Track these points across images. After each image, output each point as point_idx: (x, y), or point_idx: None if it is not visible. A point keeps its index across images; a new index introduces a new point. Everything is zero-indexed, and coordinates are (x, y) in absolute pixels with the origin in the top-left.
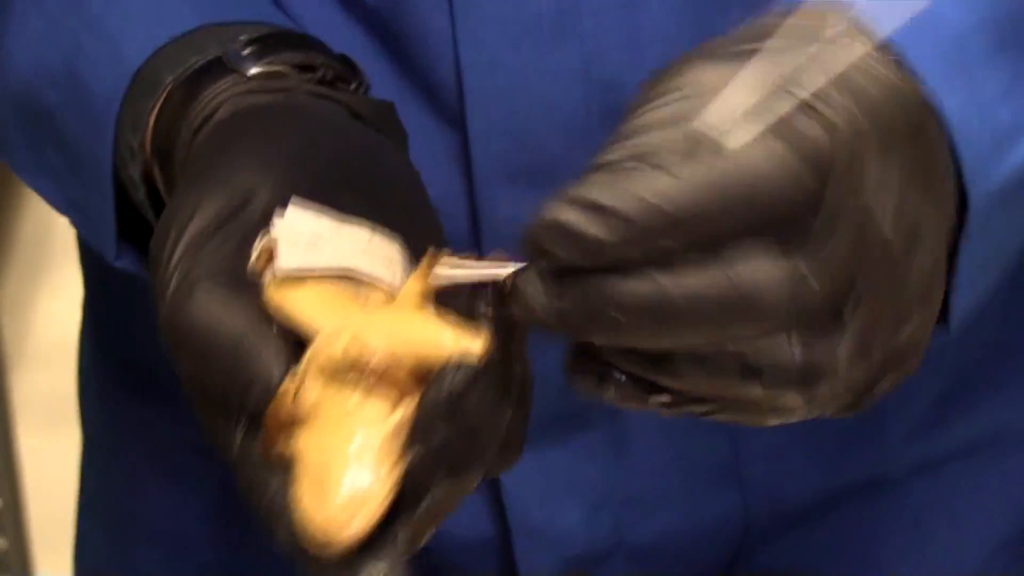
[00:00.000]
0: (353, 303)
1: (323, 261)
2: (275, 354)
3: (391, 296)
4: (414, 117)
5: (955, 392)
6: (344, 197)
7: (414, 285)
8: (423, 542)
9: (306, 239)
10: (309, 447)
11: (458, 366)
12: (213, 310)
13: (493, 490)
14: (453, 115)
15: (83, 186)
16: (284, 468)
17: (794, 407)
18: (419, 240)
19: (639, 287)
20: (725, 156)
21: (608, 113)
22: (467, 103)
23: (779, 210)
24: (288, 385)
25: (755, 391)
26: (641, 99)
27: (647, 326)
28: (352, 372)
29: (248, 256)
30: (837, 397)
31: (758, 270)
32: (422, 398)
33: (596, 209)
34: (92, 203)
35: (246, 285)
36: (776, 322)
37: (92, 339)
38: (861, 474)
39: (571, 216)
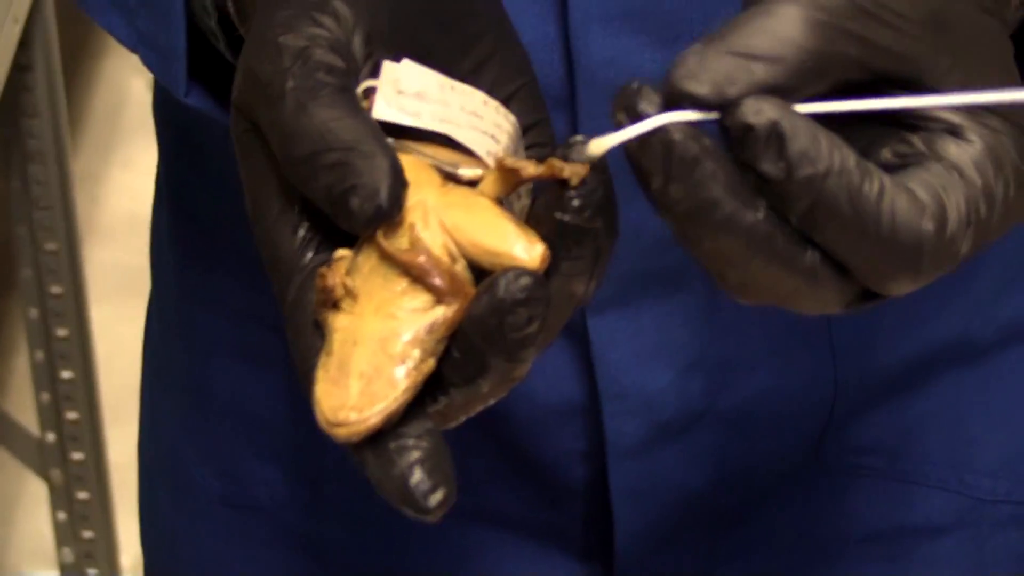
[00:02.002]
0: (433, 182)
1: (420, 119)
2: (389, 170)
3: (486, 168)
4: None
5: None
6: (430, 33)
7: (495, 178)
8: (458, 422)
9: (411, 92)
10: (343, 325)
11: (513, 279)
12: (336, 113)
13: (582, 352)
14: None
15: (153, 18)
16: (323, 338)
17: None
18: (509, 83)
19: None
20: None
21: None
22: None
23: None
24: (346, 253)
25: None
26: None
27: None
28: (408, 255)
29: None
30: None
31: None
32: (470, 308)
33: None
34: (162, 36)
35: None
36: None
37: (167, 208)
38: (949, 335)
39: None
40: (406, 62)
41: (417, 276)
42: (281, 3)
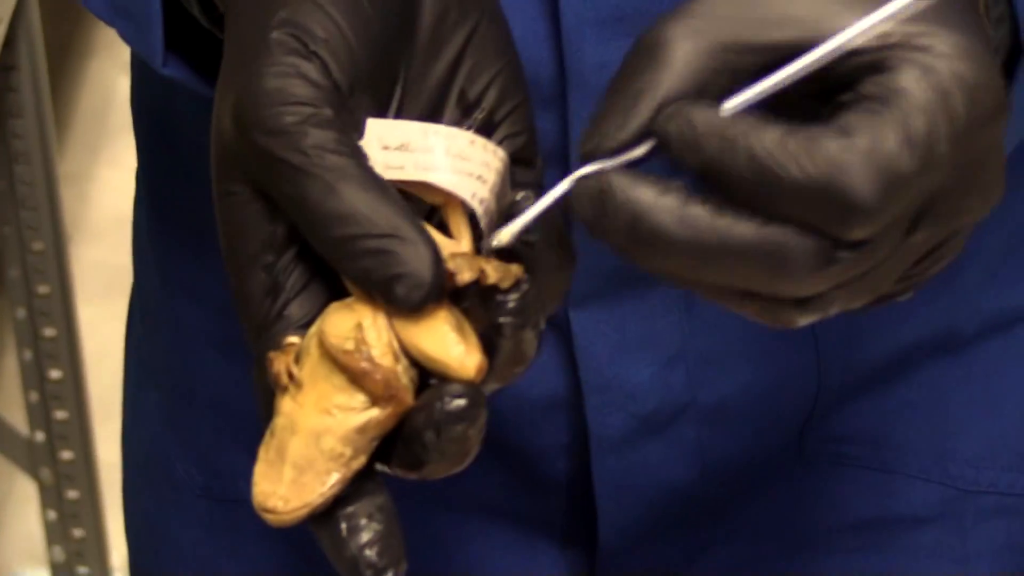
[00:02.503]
0: None
1: (404, 171)
2: (432, 257)
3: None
4: None
5: None
6: (399, 38)
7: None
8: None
9: (395, 146)
10: (286, 411)
11: (449, 400)
12: (369, 195)
13: (565, 346)
14: None
15: None
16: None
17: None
18: (490, 66)
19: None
20: None
21: None
22: None
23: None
24: (296, 341)
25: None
26: None
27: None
28: (347, 357)
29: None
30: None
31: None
32: (409, 418)
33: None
34: (137, 4)
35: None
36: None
37: (146, 202)
38: (934, 328)
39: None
40: (388, 120)
41: (354, 379)
42: (261, 52)
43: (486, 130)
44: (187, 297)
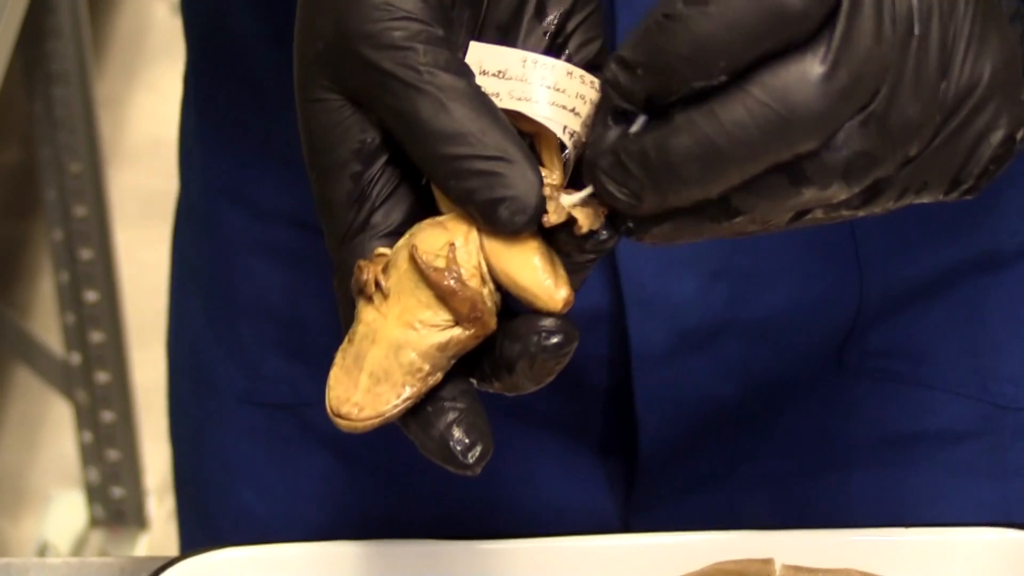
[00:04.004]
0: None
1: (499, 99)
2: (537, 184)
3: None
4: None
5: None
6: None
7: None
8: None
9: (493, 71)
10: (368, 320)
11: (545, 336)
12: (479, 116)
13: (608, 260)
14: None
15: None
16: (353, 316)
17: (849, 199)
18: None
19: (682, 140)
20: None
21: None
22: None
23: (793, 21)
24: (387, 251)
25: (807, 194)
26: None
27: (700, 175)
28: (436, 274)
29: None
30: (909, 177)
31: (786, 82)
32: (502, 347)
33: (625, 65)
34: None
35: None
36: (819, 126)
37: (194, 105)
38: (975, 247)
39: (614, 75)
40: (488, 45)
41: (441, 296)
42: None
43: (560, 38)
44: (231, 201)
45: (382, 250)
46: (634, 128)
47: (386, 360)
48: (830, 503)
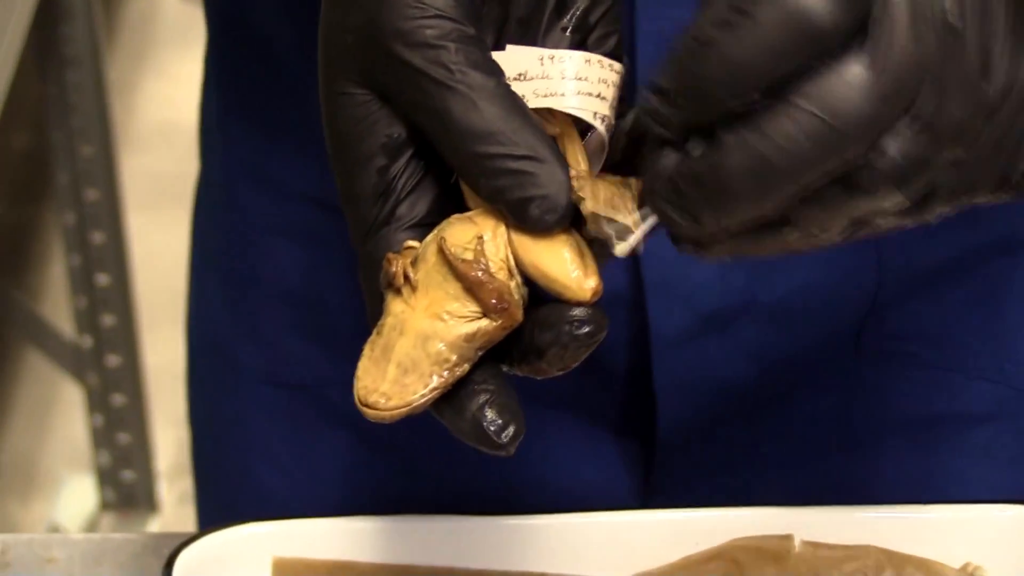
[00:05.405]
0: None
1: (524, 101)
2: (567, 183)
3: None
4: None
5: None
6: None
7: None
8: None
9: (513, 76)
10: (396, 311)
11: (576, 326)
12: (509, 115)
13: None
14: None
15: None
16: (382, 309)
17: (902, 206)
18: None
19: (735, 159)
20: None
21: None
22: None
23: (825, 35)
24: (415, 245)
25: (861, 202)
26: None
27: (756, 192)
28: (464, 266)
29: None
30: (958, 177)
31: (830, 92)
32: (533, 335)
33: (661, 92)
34: None
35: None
36: (867, 131)
37: (215, 86)
38: (993, 232)
39: (650, 103)
40: (507, 48)
41: (469, 288)
42: None
43: (581, 32)
44: (251, 182)
45: (411, 243)
46: (690, 152)
47: (414, 351)
48: (847, 486)
